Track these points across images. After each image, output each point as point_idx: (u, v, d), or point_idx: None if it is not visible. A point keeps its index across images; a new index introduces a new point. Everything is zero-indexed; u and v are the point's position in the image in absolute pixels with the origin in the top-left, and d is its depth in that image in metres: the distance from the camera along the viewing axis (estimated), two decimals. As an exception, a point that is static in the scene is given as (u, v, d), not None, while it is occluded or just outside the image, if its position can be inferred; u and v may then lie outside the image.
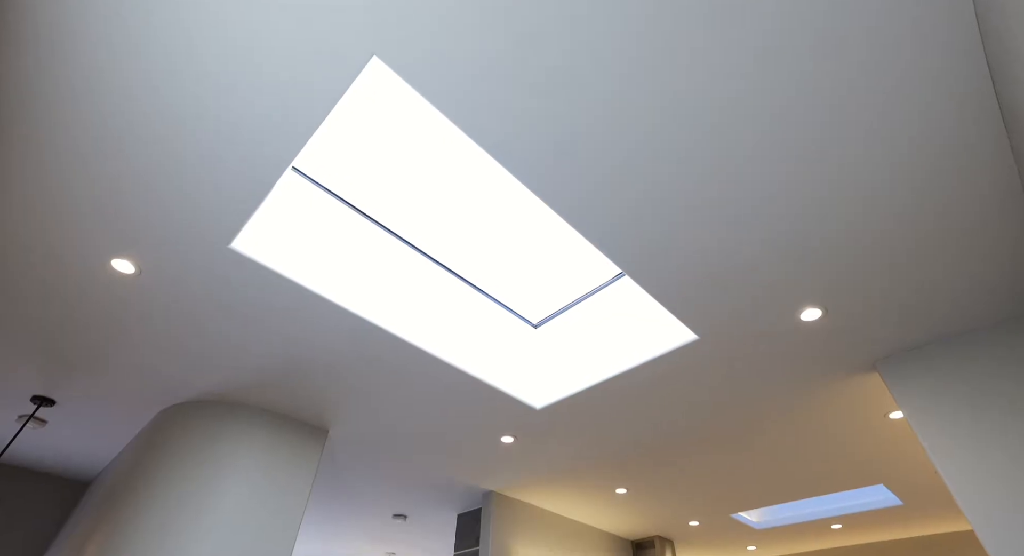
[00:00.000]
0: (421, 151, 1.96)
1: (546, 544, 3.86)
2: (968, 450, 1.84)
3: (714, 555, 5.13)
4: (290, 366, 2.36)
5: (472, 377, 2.43)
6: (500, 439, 2.95)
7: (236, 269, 1.85)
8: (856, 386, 2.40)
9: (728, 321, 2.03)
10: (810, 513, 4.18)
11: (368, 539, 4.92)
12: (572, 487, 3.59)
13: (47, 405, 2.62)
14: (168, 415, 2.66)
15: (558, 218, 2.31)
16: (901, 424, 2.70)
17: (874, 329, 2.05)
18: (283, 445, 2.68)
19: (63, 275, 1.88)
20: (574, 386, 2.55)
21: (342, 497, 3.91)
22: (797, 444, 2.92)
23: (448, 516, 4.17)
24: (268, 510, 2.46)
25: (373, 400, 2.60)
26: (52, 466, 3.40)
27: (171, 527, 2.23)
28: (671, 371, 2.34)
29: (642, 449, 3.02)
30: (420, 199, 2.21)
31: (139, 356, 2.29)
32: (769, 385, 2.41)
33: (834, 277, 1.82)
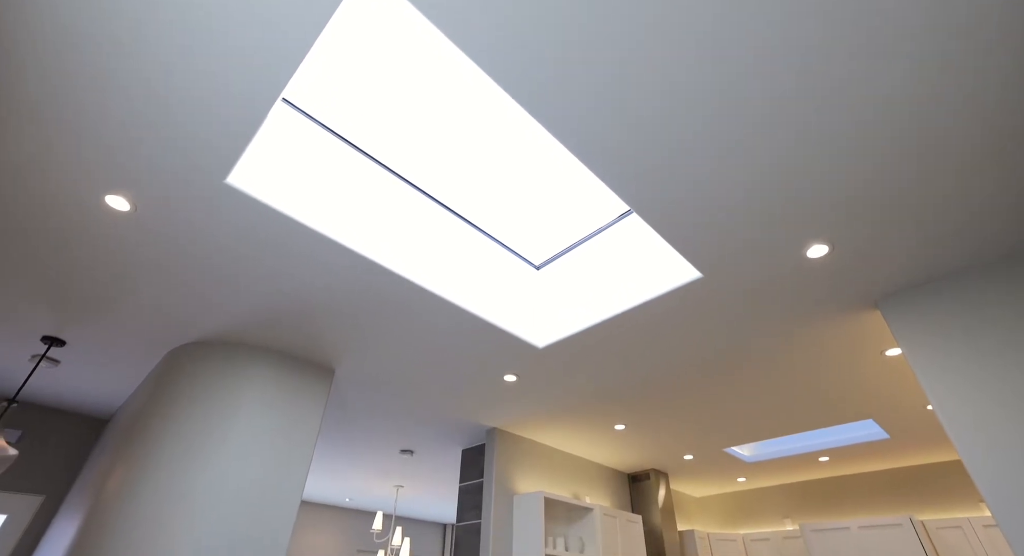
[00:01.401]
0: (419, 86, 1.86)
1: (547, 477, 4.06)
2: (963, 385, 1.87)
3: (705, 486, 5.42)
4: (293, 306, 2.37)
5: (475, 316, 2.45)
6: (503, 378, 3.03)
7: (233, 205, 1.81)
8: (855, 324, 2.42)
9: (734, 258, 2.01)
10: (798, 447, 4.36)
11: (377, 473, 5.18)
12: (572, 423, 3.73)
13: (58, 345, 2.66)
14: (177, 355, 2.71)
15: (560, 159, 2.24)
16: (897, 361, 2.75)
17: (878, 266, 2.04)
18: (291, 384, 2.75)
19: (60, 214, 1.84)
20: (576, 325, 2.57)
21: (351, 434, 4.07)
22: (793, 381, 2.99)
23: (453, 451, 4.36)
24: (279, 446, 2.56)
25: (377, 340, 2.64)
26: (71, 404, 3.51)
27: (186, 464, 2.32)
28: (673, 310, 2.35)
29: (641, 387, 3.10)
30: (419, 136, 2.13)
31: (143, 296, 2.30)
32: (770, 323, 2.43)
33: (842, 213, 1.78)
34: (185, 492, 2.25)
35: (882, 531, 3.94)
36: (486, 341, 2.64)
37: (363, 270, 2.12)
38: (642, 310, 2.36)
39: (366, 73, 1.82)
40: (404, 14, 1.58)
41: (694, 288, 2.20)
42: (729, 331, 2.50)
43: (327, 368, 2.95)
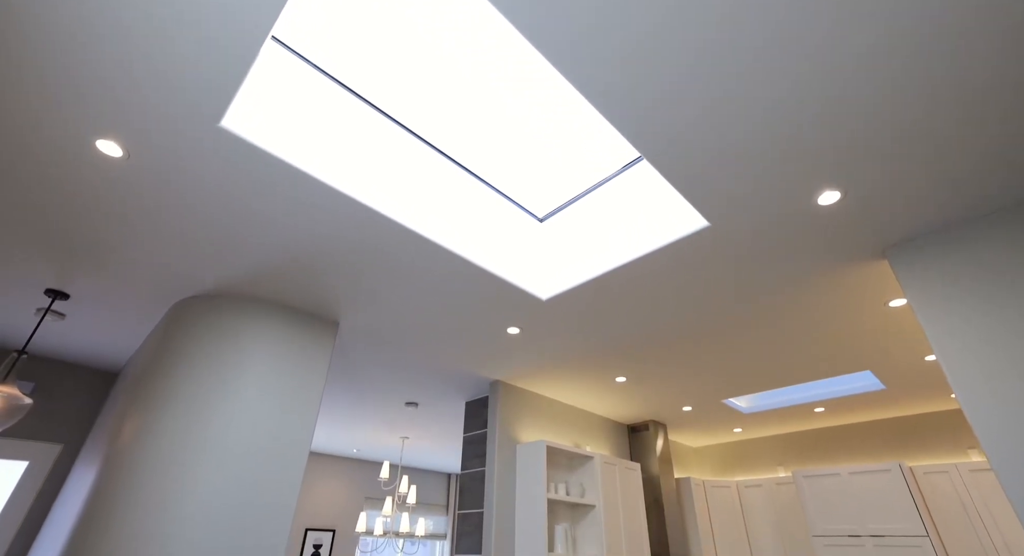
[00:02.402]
0: (419, 30, 1.76)
1: (549, 428, 4.18)
2: (968, 335, 1.88)
3: (702, 437, 5.59)
4: (294, 257, 2.35)
5: (478, 267, 2.44)
6: (506, 330, 3.05)
7: (228, 151, 1.75)
8: (861, 274, 2.41)
9: (743, 206, 1.97)
10: (795, 398, 4.46)
11: (383, 425, 5.33)
12: (574, 376, 3.79)
13: (62, 298, 2.66)
14: (182, 309, 2.72)
15: (563, 110, 2.16)
16: (899, 312, 2.76)
17: (889, 213, 2.00)
18: (295, 337, 2.77)
19: (51, 160, 1.79)
20: (580, 277, 2.56)
21: (357, 387, 4.15)
22: (796, 332, 3.01)
23: (457, 403, 4.47)
24: (287, 397, 2.61)
25: (380, 292, 2.64)
26: (81, 358, 3.56)
27: (197, 413, 2.37)
28: (678, 261, 2.33)
29: (643, 339, 3.13)
30: (420, 84, 2.05)
31: (142, 247, 2.28)
32: (776, 274, 2.42)
33: (854, 157, 1.72)
34: (198, 439, 2.31)
35: (872, 476, 4.09)
36: (489, 293, 2.64)
37: (364, 219, 2.09)
38: (647, 261, 2.34)
39: (362, 14, 1.72)
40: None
41: (700, 238, 2.17)
42: (733, 282, 2.49)
43: (331, 321, 2.96)
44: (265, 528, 2.31)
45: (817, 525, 4.20)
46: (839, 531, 4.08)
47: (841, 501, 4.16)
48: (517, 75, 2.04)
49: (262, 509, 2.33)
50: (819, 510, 4.24)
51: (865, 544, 3.93)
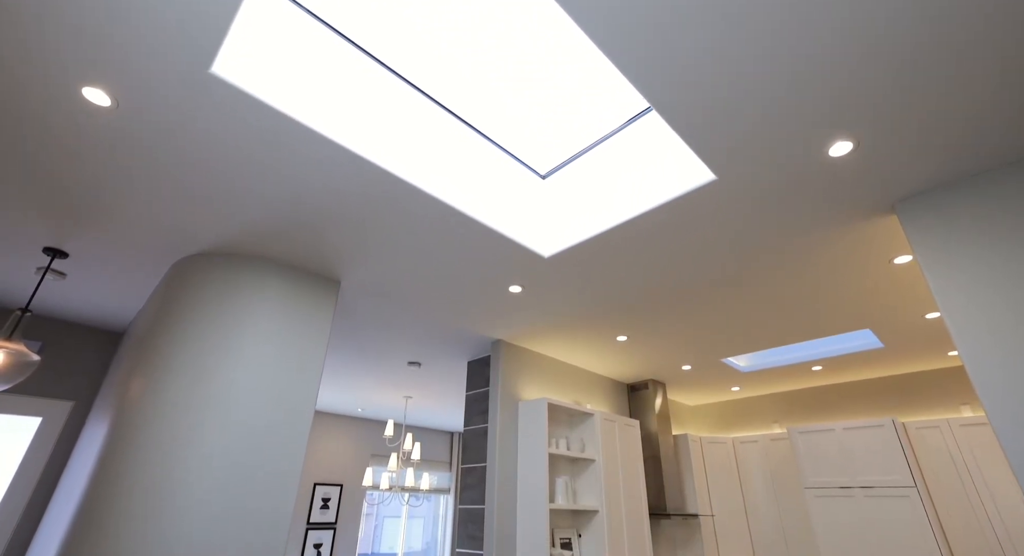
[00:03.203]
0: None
1: (550, 387, 4.25)
2: (975, 291, 1.86)
3: (700, 395, 5.70)
4: (293, 213, 2.31)
5: (481, 224, 2.41)
6: (508, 289, 3.04)
7: (221, 99, 1.69)
8: (868, 230, 2.38)
9: (753, 158, 1.92)
10: (793, 357, 4.52)
11: (387, 385, 5.42)
12: (576, 335, 3.82)
13: (61, 257, 2.65)
14: (182, 267, 2.70)
15: (566, 62, 2.07)
16: (904, 269, 2.74)
17: (902, 166, 1.95)
18: (297, 296, 2.77)
19: (37, 110, 1.73)
20: (583, 234, 2.53)
21: (360, 347, 4.19)
22: (799, 290, 3.01)
23: (459, 363, 4.53)
24: (291, 355, 2.63)
25: (382, 250, 2.62)
26: (86, 317, 3.58)
27: (202, 371, 2.40)
28: (683, 216, 2.30)
29: (646, 297, 3.13)
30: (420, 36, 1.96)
31: (138, 203, 2.24)
32: (782, 230, 2.39)
33: (870, 105, 1.66)
34: (204, 396, 2.34)
35: (865, 432, 4.19)
36: (492, 250, 2.62)
37: (365, 173, 2.04)
38: (651, 216, 2.31)
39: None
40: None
41: (706, 192, 2.13)
42: (738, 239, 2.47)
43: (333, 280, 2.96)
44: (274, 481, 2.37)
45: (809, 478, 4.34)
46: (830, 483, 4.21)
47: (834, 455, 4.28)
48: (521, 25, 1.95)
49: (271, 463, 2.39)
50: (812, 464, 4.37)
51: (855, 495, 4.07)
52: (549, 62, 2.21)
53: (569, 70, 2.25)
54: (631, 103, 2.43)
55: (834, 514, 4.12)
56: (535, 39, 2.04)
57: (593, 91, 2.41)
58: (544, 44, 2.07)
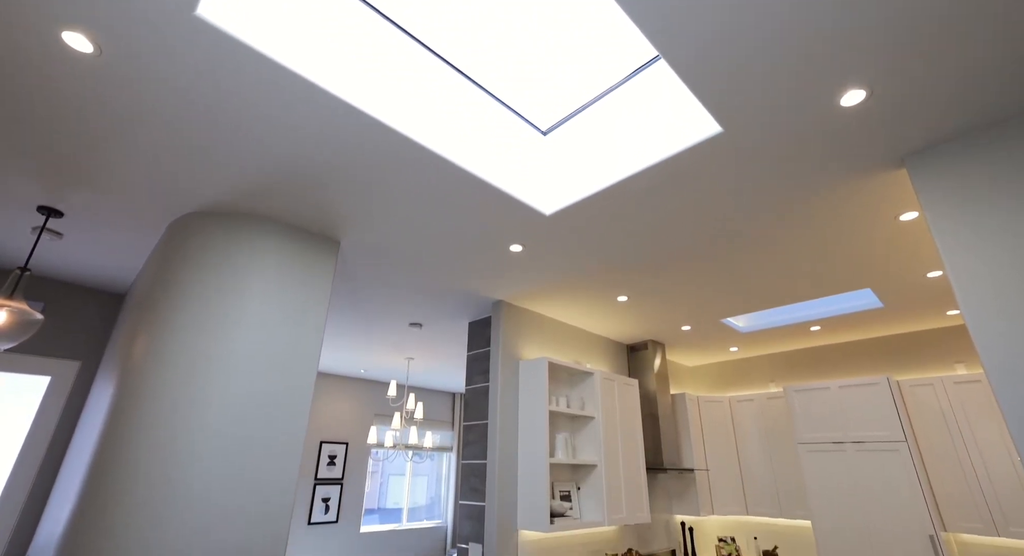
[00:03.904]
0: None
1: (550, 347, 4.29)
2: (980, 247, 1.84)
3: (699, 355, 5.77)
4: (290, 169, 2.26)
5: (482, 181, 2.36)
6: (509, 248, 3.02)
7: (208, 46, 1.62)
8: (875, 185, 2.33)
9: (761, 107, 1.86)
10: (792, 317, 4.54)
11: (388, 346, 5.49)
12: (576, 295, 3.83)
13: (56, 216, 2.62)
14: (179, 227, 2.68)
15: (568, 11, 1.97)
16: (909, 227, 2.71)
17: (914, 117, 1.89)
18: (297, 256, 2.75)
19: (21, 62, 1.66)
20: (585, 191, 2.49)
21: (361, 309, 4.21)
22: (801, 249, 2.99)
23: (460, 324, 4.56)
24: (291, 315, 2.64)
25: (381, 208, 2.58)
26: (87, 279, 3.58)
27: (204, 330, 2.41)
28: (686, 171, 2.25)
29: (647, 256, 3.12)
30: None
31: (130, 157, 2.19)
32: (788, 186, 2.34)
33: (885, 48, 1.59)
34: (207, 355, 2.36)
35: (860, 390, 4.27)
36: (492, 208, 2.58)
37: (363, 127, 1.99)
38: (655, 171, 2.26)
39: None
40: None
41: (712, 145, 2.07)
42: (743, 195, 2.42)
43: (332, 240, 2.93)
44: (280, 439, 2.43)
45: (803, 434, 4.45)
46: (823, 439, 4.33)
47: (828, 412, 4.37)
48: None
49: (276, 421, 2.44)
50: (806, 421, 4.47)
51: (846, 449, 4.18)
52: (550, 14, 2.11)
53: (571, 22, 2.16)
54: (635, 55, 2.34)
55: (825, 467, 4.25)
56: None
57: (595, 43, 2.32)
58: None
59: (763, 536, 5.08)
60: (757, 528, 5.15)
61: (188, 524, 2.09)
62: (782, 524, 4.98)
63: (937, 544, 3.60)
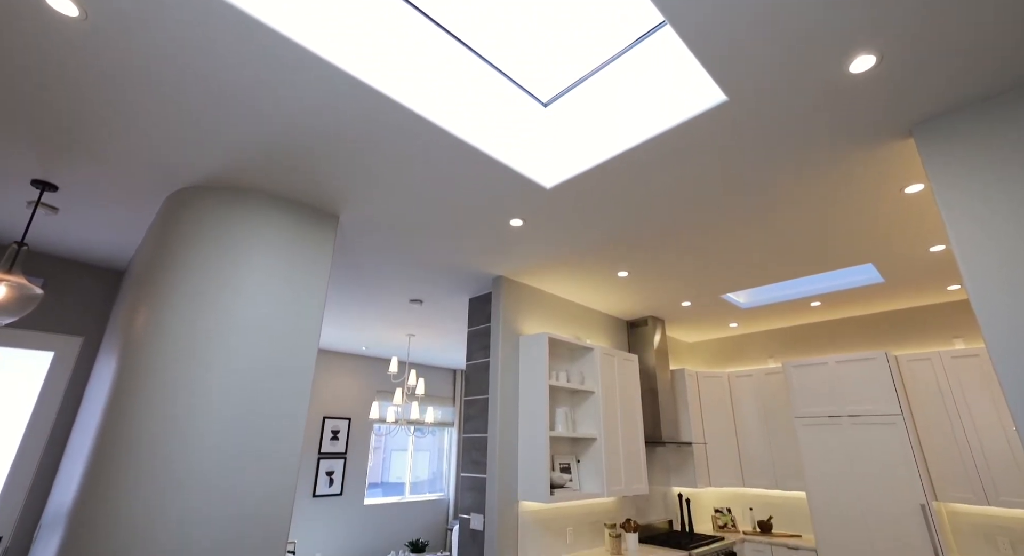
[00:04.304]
0: None
1: (550, 323, 4.30)
2: (987, 219, 1.82)
3: (699, 332, 5.80)
4: (288, 140, 2.22)
5: (482, 153, 2.32)
6: (509, 222, 3.00)
7: (198, 11, 1.57)
8: (882, 156, 2.30)
9: (768, 74, 1.81)
10: (792, 293, 4.54)
11: (389, 323, 5.51)
12: (577, 271, 3.82)
13: (50, 190, 2.58)
14: (176, 201, 2.65)
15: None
16: (914, 200, 2.68)
17: (924, 84, 1.85)
18: (295, 231, 2.73)
19: (5, 27, 1.61)
20: (586, 163, 2.45)
21: (361, 285, 4.21)
22: (804, 223, 2.96)
23: (460, 300, 4.57)
24: (291, 289, 2.63)
25: (380, 181, 2.54)
26: (86, 255, 3.57)
27: (205, 303, 2.40)
28: (689, 142, 2.21)
29: (648, 231, 3.09)
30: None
31: (123, 128, 2.15)
32: (793, 158, 2.30)
33: (895, 16, 1.54)
34: (207, 330, 2.36)
35: (857, 364, 4.30)
36: (492, 181, 2.54)
37: (362, 97, 1.94)
38: (658, 142, 2.22)
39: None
40: None
41: (716, 115, 2.03)
42: (747, 166, 2.39)
43: (331, 214, 2.91)
44: (283, 409, 2.45)
45: (800, 408, 4.50)
46: (819, 412, 4.38)
47: (825, 387, 4.42)
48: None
49: (279, 392, 2.46)
50: (803, 395, 4.52)
51: (842, 423, 4.24)
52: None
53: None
54: (636, 23, 2.27)
55: (821, 441, 4.32)
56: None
57: (597, 11, 2.25)
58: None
59: (758, 507, 5.19)
60: (753, 499, 5.26)
61: (193, 496, 2.13)
62: (777, 495, 5.09)
63: (928, 513, 3.68)
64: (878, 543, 3.85)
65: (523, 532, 3.49)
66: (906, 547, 3.73)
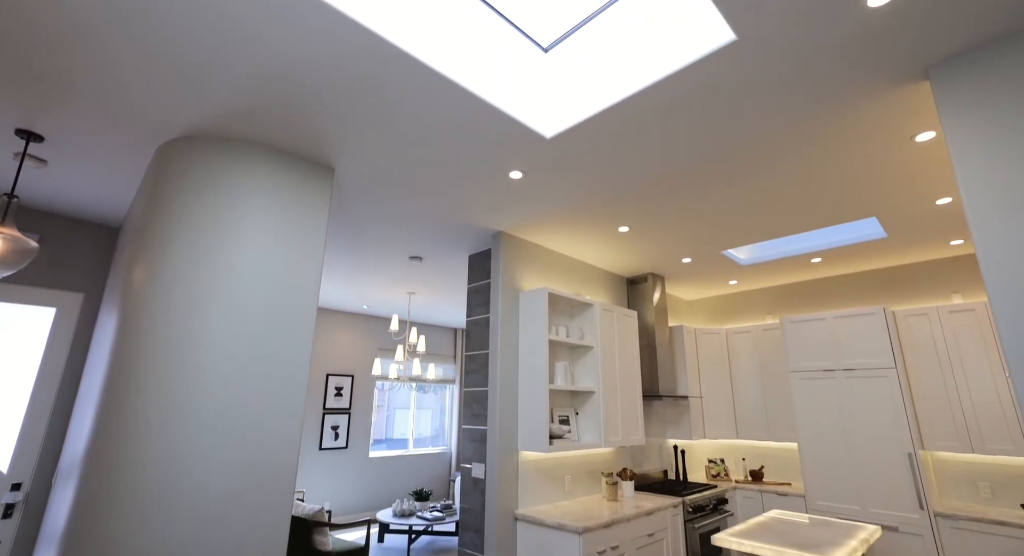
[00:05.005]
0: None
1: (550, 279, 4.30)
2: (1000, 168, 1.76)
3: (698, 289, 5.82)
4: (279, 85, 2.14)
5: (480, 99, 2.24)
6: (509, 174, 2.94)
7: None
8: (893, 101, 2.22)
9: (781, 9, 1.71)
10: (793, 249, 4.52)
11: (390, 281, 5.51)
12: (577, 226, 3.78)
13: (36, 140, 2.51)
14: (167, 153, 2.58)
15: None
16: (924, 149, 2.62)
17: (944, 21, 1.76)
18: (291, 182, 2.68)
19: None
20: (588, 110, 2.37)
21: (360, 242, 4.18)
22: (810, 175, 2.90)
23: (460, 257, 4.55)
24: (289, 245, 2.61)
25: (375, 130, 2.47)
26: (81, 211, 3.52)
27: (197, 262, 2.38)
28: (695, 87, 2.13)
29: (650, 183, 3.04)
30: None
31: (107, 73, 2.06)
32: (803, 103, 2.22)
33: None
34: (206, 285, 2.35)
35: (855, 320, 4.33)
36: (492, 130, 2.47)
37: (356, 38, 1.85)
38: (662, 87, 2.14)
39: None
40: None
41: (724, 56, 1.94)
42: (755, 113, 2.31)
43: (327, 166, 2.84)
44: (285, 358, 2.48)
45: (795, 363, 4.58)
46: (815, 367, 4.45)
47: (822, 342, 4.47)
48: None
49: (280, 342, 2.48)
50: (800, 350, 4.58)
51: (837, 377, 4.32)
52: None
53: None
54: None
55: (814, 393, 4.42)
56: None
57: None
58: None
59: (751, 457, 5.38)
60: (745, 450, 5.44)
61: (199, 445, 2.18)
62: (770, 446, 5.26)
63: (914, 461, 3.81)
64: (864, 489, 4.00)
65: (523, 479, 3.62)
66: (890, 493, 3.88)
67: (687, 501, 4.12)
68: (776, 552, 2.55)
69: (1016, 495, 3.80)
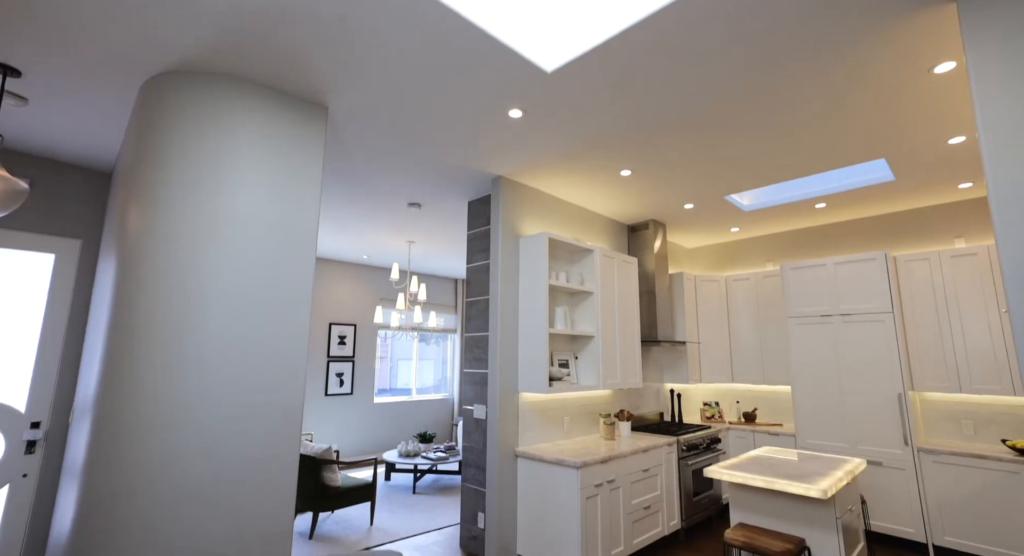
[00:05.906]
0: None
1: (551, 225, 4.26)
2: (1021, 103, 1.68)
3: (699, 237, 5.78)
4: (264, 16, 2.01)
5: (477, 28, 2.12)
6: (508, 113, 2.83)
7: None
8: (914, 28, 2.10)
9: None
10: (797, 194, 4.45)
11: (389, 229, 5.47)
12: (578, 169, 3.70)
13: (13, 75, 2.40)
14: (151, 90, 2.47)
15: None
16: (941, 82, 2.51)
17: (981, -68, 1.62)
18: (283, 122, 2.59)
19: None
20: (589, 43, 2.25)
21: (357, 189, 4.10)
22: (820, 112, 2.80)
23: (459, 203, 4.49)
24: (284, 186, 2.55)
25: (369, 64, 2.35)
26: (71, 155, 3.43)
27: (192, 204, 2.33)
28: (704, 13, 2.00)
29: (654, 123, 2.93)
30: None
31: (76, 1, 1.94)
32: (819, 31, 2.10)
33: None
34: (201, 228, 2.31)
35: (855, 265, 4.33)
36: (490, 62, 2.35)
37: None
38: (666, 16, 2.01)
39: None
40: None
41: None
42: (765, 44, 2.19)
43: (320, 104, 2.74)
44: (286, 300, 2.49)
45: (794, 308, 4.62)
46: (812, 312, 4.50)
47: (821, 288, 4.49)
48: None
49: (280, 284, 2.48)
50: (798, 296, 4.61)
51: (833, 321, 4.37)
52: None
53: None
54: None
55: (810, 338, 4.48)
56: None
57: None
58: None
59: (745, 400, 5.54)
60: (740, 394, 5.60)
61: (203, 389, 2.22)
62: (763, 390, 5.40)
63: (903, 401, 3.93)
64: (851, 428, 4.15)
65: (523, 420, 3.75)
66: (878, 431, 4.02)
67: (681, 440, 4.28)
68: (766, 482, 2.67)
69: (997, 432, 3.95)
